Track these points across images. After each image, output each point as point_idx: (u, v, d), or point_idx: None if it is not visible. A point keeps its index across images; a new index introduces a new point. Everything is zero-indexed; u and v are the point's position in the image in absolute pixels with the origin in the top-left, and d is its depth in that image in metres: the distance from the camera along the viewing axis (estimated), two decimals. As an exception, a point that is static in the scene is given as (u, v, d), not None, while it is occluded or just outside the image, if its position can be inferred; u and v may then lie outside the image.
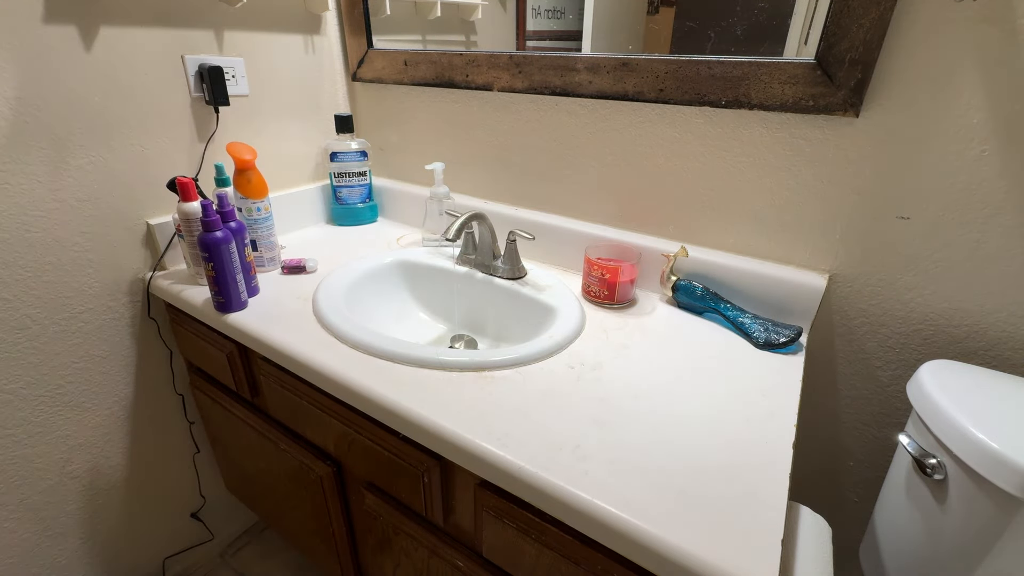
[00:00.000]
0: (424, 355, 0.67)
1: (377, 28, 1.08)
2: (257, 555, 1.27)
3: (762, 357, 0.70)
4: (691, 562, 0.43)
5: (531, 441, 0.54)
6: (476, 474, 0.56)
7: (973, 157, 0.61)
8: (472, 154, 1.06)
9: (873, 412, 0.79)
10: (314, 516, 0.89)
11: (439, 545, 0.69)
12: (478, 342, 0.90)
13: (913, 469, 0.62)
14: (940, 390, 0.59)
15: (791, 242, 0.77)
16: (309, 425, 0.79)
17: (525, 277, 0.90)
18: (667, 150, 0.82)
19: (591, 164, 0.91)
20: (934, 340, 0.71)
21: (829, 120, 0.68)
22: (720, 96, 0.73)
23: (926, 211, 0.66)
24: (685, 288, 0.81)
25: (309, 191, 1.14)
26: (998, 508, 0.52)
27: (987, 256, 0.64)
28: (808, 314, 0.75)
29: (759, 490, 0.49)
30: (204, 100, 0.93)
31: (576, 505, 0.48)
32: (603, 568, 0.50)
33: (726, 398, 0.62)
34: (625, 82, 0.80)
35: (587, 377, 0.65)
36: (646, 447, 0.54)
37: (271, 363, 0.78)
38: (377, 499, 0.75)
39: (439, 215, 1.01)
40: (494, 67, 0.93)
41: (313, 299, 0.81)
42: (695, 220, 0.84)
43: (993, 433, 0.52)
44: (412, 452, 0.63)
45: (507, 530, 0.58)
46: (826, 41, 0.64)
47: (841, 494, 0.87)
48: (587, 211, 0.95)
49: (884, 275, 0.72)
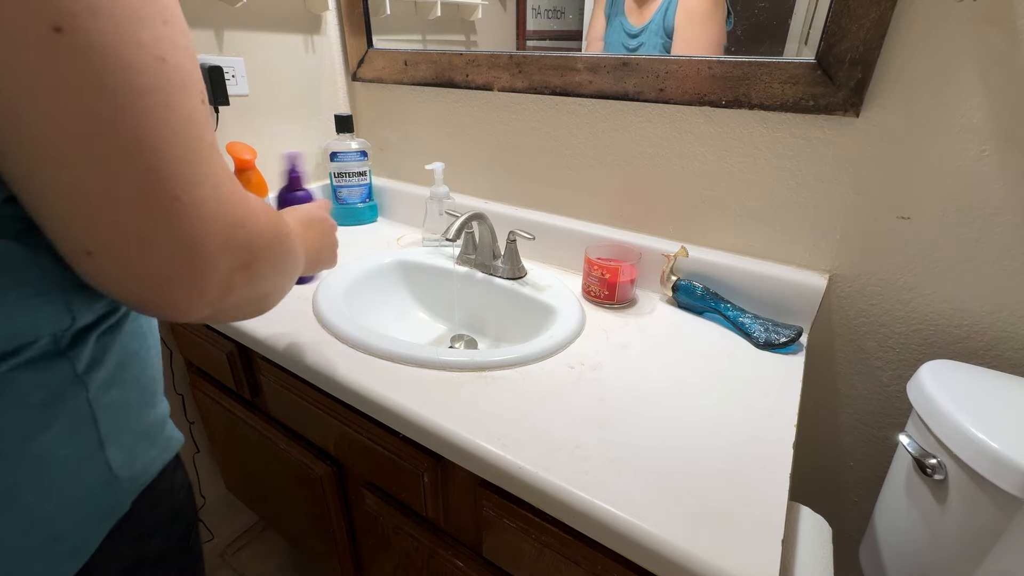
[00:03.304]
0: (424, 355, 0.67)
1: (377, 28, 1.08)
2: (257, 555, 1.27)
3: (762, 357, 0.70)
4: (691, 562, 0.43)
5: (531, 441, 0.54)
6: (476, 474, 0.56)
7: (973, 157, 0.61)
8: (472, 154, 1.06)
9: (873, 412, 0.79)
10: (314, 516, 0.89)
11: (439, 545, 0.69)
12: (478, 342, 0.90)
13: (913, 469, 0.62)
14: (940, 390, 0.59)
15: (791, 242, 0.77)
16: (309, 425, 0.79)
17: (525, 277, 0.90)
18: (667, 150, 0.82)
19: (591, 164, 0.91)
20: (934, 340, 0.71)
21: (829, 120, 0.68)
22: (720, 96, 0.73)
23: (926, 211, 0.66)
24: (685, 288, 0.81)
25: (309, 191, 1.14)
26: (998, 508, 0.52)
27: (987, 256, 0.64)
28: (808, 314, 0.75)
29: (759, 490, 0.49)
30: (204, 100, 0.93)
31: (576, 505, 0.48)
32: (603, 568, 0.50)
33: (726, 398, 0.62)
34: (625, 82, 0.80)
35: (587, 377, 0.65)
36: (646, 447, 0.54)
37: (271, 363, 0.78)
38: (377, 499, 0.75)
39: (439, 215, 1.01)
40: (494, 67, 0.93)
41: (313, 299, 0.81)
42: (695, 220, 0.84)
43: (993, 433, 0.52)
44: (412, 452, 0.63)
45: (507, 530, 0.58)
46: (826, 41, 0.64)
47: (841, 494, 0.87)
48: (587, 211, 0.95)
49: (884, 275, 0.72)
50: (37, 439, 0.33)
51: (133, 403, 0.40)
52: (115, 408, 0.38)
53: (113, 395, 0.38)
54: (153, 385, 0.43)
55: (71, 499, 0.35)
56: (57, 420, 0.34)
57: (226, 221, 0.30)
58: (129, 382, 0.39)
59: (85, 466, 0.36)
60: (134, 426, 0.40)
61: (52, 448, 0.34)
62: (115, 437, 0.38)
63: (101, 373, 0.37)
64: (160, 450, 0.43)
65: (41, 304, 0.31)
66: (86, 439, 0.36)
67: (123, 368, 0.39)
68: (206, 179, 0.28)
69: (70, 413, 0.35)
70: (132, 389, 0.40)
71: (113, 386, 0.38)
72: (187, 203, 0.27)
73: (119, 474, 0.38)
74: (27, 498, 0.33)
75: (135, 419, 0.40)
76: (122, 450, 0.39)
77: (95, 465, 0.37)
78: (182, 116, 0.27)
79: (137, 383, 0.41)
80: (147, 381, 0.42)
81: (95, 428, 0.36)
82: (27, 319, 0.30)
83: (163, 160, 0.26)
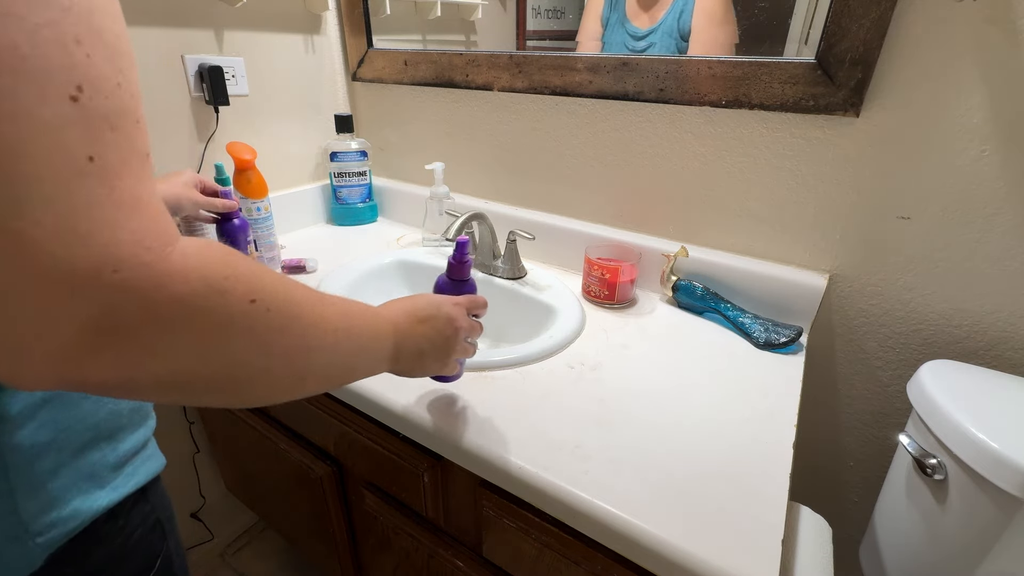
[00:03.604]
0: (424, 355, 0.67)
1: (377, 28, 1.08)
2: (257, 555, 1.27)
3: (762, 357, 0.70)
4: (691, 562, 0.43)
5: (531, 441, 0.54)
6: (476, 474, 0.56)
7: (973, 157, 0.61)
8: (472, 154, 1.06)
9: (873, 412, 0.79)
10: (314, 516, 0.89)
11: (439, 545, 0.69)
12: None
13: (913, 469, 0.62)
14: (940, 390, 0.59)
15: (791, 242, 0.77)
16: (309, 425, 0.79)
17: (525, 277, 0.90)
18: (667, 150, 0.82)
19: (591, 164, 0.91)
20: (934, 340, 0.71)
21: (829, 120, 0.68)
22: (720, 96, 0.73)
23: (926, 211, 0.66)
24: (685, 288, 0.81)
25: (309, 191, 1.14)
26: (998, 508, 0.52)
27: (987, 256, 0.64)
28: (808, 314, 0.75)
29: (759, 490, 0.49)
30: (204, 100, 0.93)
31: (576, 505, 0.48)
32: (603, 568, 0.50)
33: (726, 398, 0.62)
34: (625, 82, 0.80)
35: (587, 377, 0.65)
36: (646, 447, 0.54)
37: (271, 363, 0.78)
38: (377, 499, 0.75)
39: (439, 215, 1.01)
40: (494, 67, 0.93)
41: (313, 299, 0.81)
42: (695, 220, 0.84)
43: (993, 433, 0.52)
44: (412, 452, 0.63)
45: (507, 530, 0.58)
46: (826, 41, 0.64)
47: (841, 494, 0.87)
48: (587, 211, 0.95)
49: (884, 275, 0.72)
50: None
51: (72, 444, 0.36)
52: (41, 452, 0.34)
53: (41, 437, 0.34)
54: (113, 421, 0.39)
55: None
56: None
57: (80, 262, 0.21)
58: (68, 421, 0.35)
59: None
60: (70, 469, 0.36)
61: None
62: (35, 485, 0.34)
63: (25, 412, 0.32)
64: (111, 490, 0.39)
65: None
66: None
67: (61, 407, 0.35)
68: (50, 204, 0.20)
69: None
70: (73, 429, 0.36)
71: (43, 428, 0.34)
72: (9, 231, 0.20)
73: (30, 527, 0.34)
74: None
75: (74, 461, 0.36)
76: (43, 499, 0.35)
77: (4, 515, 0.33)
78: (35, 121, 0.20)
79: (84, 420, 0.37)
80: (99, 420, 0.38)
81: (4, 475, 0.33)
82: None
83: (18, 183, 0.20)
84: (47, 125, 0.20)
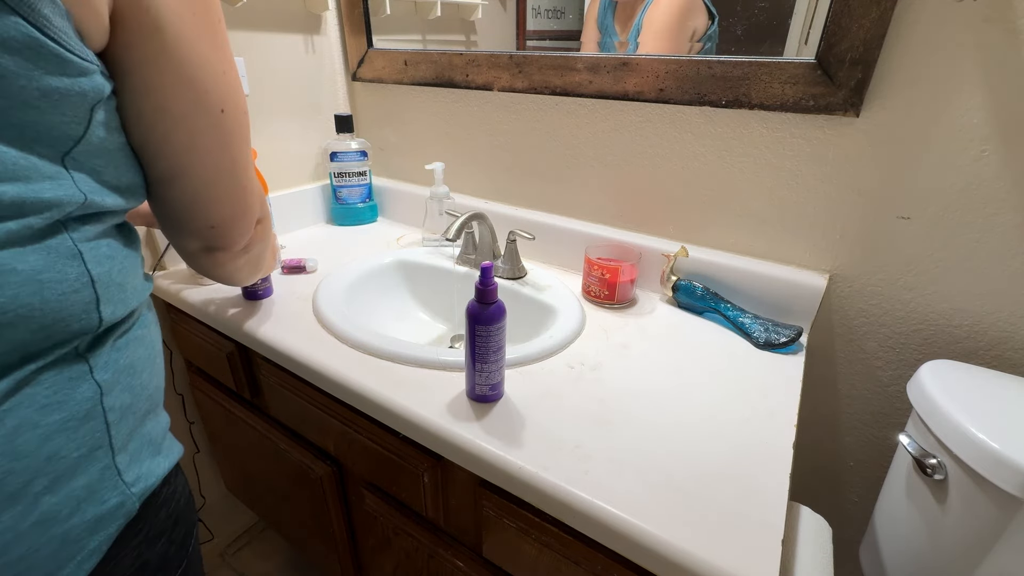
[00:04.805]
0: (424, 355, 0.67)
1: (377, 28, 1.08)
2: (257, 555, 1.27)
3: (762, 357, 0.70)
4: (691, 562, 0.43)
5: (531, 441, 0.54)
6: (476, 474, 0.56)
7: (973, 157, 0.61)
8: (472, 154, 1.06)
9: (873, 412, 0.79)
10: (314, 516, 0.89)
11: (439, 545, 0.69)
12: (478, 342, 0.90)
13: (913, 469, 0.62)
14: (940, 390, 0.59)
15: (791, 242, 0.77)
16: (309, 425, 0.79)
17: (525, 277, 0.90)
18: (667, 150, 0.82)
19: (591, 164, 0.91)
20: (934, 340, 0.71)
21: (829, 120, 0.68)
22: (720, 96, 0.73)
23: (926, 211, 0.66)
24: (685, 288, 0.81)
25: (309, 191, 1.14)
26: (998, 508, 0.52)
27: (987, 256, 0.64)
28: (808, 314, 0.75)
29: (759, 490, 0.49)
30: (204, 100, 0.93)
31: (576, 505, 0.48)
32: (603, 568, 0.50)
33: (726, 398, 0.62)
34: (625, 82, 0.80)
35: (587, 377, 0.65)
36: (646, 447, 0.54)
37: (271, 363, 0.78)
38: (377, 499, 0.75)
39: (439, 215, 1.01)
40: (494, 67, 0.93)
41: (313, 299, 0.81)
42: (695, 220, 0.84)
43: (993, 433, 0.52)
44: (412, 452, 0.63)
45: (507, 530, 0.58)
46: (826, 41, 0.64)
47: (841, 494, 0.87)
48: (587, 211, 0.95)
49: (884, 275, 0.72)
50: (52, 441, 0.34)
51: (140, 410, 0.41)
52: (125, 414, 0.39)
53: (124, 400, 0.39)
54: (158, 395, 0.45)
55: (83, 501, 0.36)
56: (71, 423, 0.35)
57: (256, 194, 0.50)
58: (138, 389, 0.41)
59: (96, 469, 0.37)
60: (140, 433, 0.41)
61: (66, 450, 0.34)
62: (124, 442, 0.39)
63: (114, 378, 0.38)
64: (163, 458, 0.44)
65: (76, 301, 0.34)
66: (98, 442, 0.37)
67: (133, 375, 0.40)
68: (250, 174, 0.48)
69: (84, 417, 0.36)
70: (140, 396, 0.41)
71: (125, 392, 0.39)
72: (247, 188, 0.48)
73: (127, 478, 0.39)
74: (42, 499, 0.33)
75: (141, 426, 0.42)
76: (129, 456, 0.40)
77: (105, 468, 0.37)
78: (244, 139, 0.46)
79: (144, 390, 0.42)
80: (153, 390, 0.44)
81: (107, 432, 0.37)
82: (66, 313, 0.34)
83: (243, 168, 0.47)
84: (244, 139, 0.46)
